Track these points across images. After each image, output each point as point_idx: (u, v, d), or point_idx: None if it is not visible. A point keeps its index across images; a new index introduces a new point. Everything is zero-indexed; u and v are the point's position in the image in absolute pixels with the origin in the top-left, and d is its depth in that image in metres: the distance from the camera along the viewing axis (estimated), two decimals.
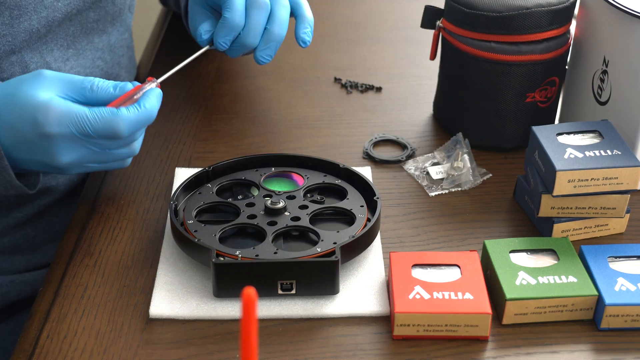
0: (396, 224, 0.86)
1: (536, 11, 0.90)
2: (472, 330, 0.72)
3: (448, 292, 0.73)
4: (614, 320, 0.73)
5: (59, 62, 0.93)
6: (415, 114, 1.04)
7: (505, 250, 0.78)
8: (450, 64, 0.97)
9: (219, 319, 0.75)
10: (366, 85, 1.09)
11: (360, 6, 1.31)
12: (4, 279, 0.97)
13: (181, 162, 0.94)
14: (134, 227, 0.85)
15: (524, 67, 0.92)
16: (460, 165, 0.92)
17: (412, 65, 1.15)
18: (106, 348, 0.72)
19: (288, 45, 1.18)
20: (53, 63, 0.92)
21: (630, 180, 0.80)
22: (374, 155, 0.95)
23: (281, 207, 0.81)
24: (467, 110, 0.96)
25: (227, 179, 0.86)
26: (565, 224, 0.83)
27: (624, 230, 0.85)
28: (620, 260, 0.77)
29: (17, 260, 0.98)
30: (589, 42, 0.93)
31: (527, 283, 0.74)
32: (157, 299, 0.76)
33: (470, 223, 0.86)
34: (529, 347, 0.73)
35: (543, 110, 0.96)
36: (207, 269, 0.79)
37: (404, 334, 0.73)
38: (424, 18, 0.99)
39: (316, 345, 0.73)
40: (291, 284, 0.75)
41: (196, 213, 0.81)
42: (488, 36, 0.91)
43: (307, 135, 0.99)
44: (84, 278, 0.79)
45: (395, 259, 0.77)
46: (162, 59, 1.15)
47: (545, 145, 0.82)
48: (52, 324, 0.74)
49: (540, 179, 0.83)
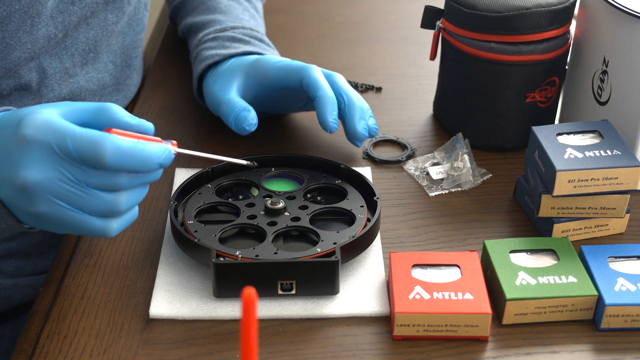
0: (396, 224, 0.86)
1: (536, 11, 0.90)
2: (472, 331, 0.72)
3: (448, 292, 0.73)
4: (614, 320, 0.74)
5: (77, 67, 0.92)
6: (415, 114, 1.04)
7: (505, 251, 0.78)
8: (450, 64, 0.97)
9: (219, 319, 0.75)
10: (366, 86, 1.09)
11: (360, 6, 1.31)
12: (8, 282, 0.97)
13: (181, 163, 0.94)
14: (134, 227, 0.85)
15: (524, 67, 0.92)
16: (460, 165, 0.92)
17: (412, 65, 1.15)
18: (106, 348, 0.72)
19: (288, 45, 1.18)
20: (71, 68, 0.92)
21: (630, 180, 0.80)
22: (374, 155, 0.95)
23: (281, 207, 0.81)
24: (467, 110, 0.96)
25: (227, 179, 0.86)
26: (565, 224, 0.83)
27: (624, 230, 0.85)
28: (620, 260, 0.77)
29: (23, 264, 0.98)
30: (589, 42, 0.93)
31: (527, 283, 0.74)
32: (157, 299, 0.76)
33: (470, 223, 0.86)
34: (529, 347, 0.73)
35: (543, 110, 0.96)
36: (207, 269, 0.79)
37: (404, 334, 0.73)
38: (424, 18, 0.99)
39: (316, 346, 0.73)
40: (291, 284, 0.75)
41: (196, 213, 0.81)
42: (488, 36, 0.91)
43: (307, 135, 0.99)
44: (84, 278, 0.79)
45: (395, 259, 0.77)
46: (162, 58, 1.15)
47: (545, 145, 0.82)
48: (52, 324, 0.74)
49: (540, 179, 0.83)
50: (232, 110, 0.89)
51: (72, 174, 0.67)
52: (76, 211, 0.69)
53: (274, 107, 0.96)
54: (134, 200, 0.71)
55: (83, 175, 0.67)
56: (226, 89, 0.91)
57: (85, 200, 0.68)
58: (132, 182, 0.70)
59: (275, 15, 1.24)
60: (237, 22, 1.00)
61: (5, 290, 0.97)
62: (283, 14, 1.28)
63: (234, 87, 0.91)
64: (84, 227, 0.70)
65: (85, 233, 0.71)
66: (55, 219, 0.69)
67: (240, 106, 0.89)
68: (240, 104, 0.89)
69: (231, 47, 0.96)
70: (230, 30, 0.99)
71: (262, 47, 0.97)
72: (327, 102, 0.87)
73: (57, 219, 0.69)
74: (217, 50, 0.95)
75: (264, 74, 0.90)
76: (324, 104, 0.87)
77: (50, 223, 0.70)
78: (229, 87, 0.91)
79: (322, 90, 0.87)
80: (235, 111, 0.88)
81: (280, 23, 1.25)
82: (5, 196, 0.69)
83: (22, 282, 0.98)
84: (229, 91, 0.91)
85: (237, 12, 1.03)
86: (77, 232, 0.71)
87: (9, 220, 0.71)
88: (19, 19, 0.83)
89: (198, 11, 1.05)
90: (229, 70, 0.92)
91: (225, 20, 1.01)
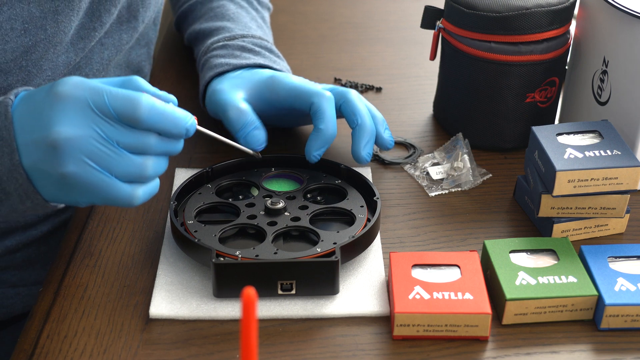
0: (396, 224, 0.86)
1: (536, 11, 0.90)
2: (472, 331, 0.72)
3: (448, 292, 0.73)
4: (614, 320, 0.74)
5: None
6: (415, 114, 1.04)
7: (505, 251, 0.78)
8: (450, 64, 0.97)
9: (219, 319, 0.75)
10: (366, 86, 1.09)
11: (360, 6, 1.31)
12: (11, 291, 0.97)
13: (181, 163, 0.94)
14: (134, 227, 0.85)
15: (524, 67, 0.92)
16: (460, 166, 0.92)
17: (412, 66, 1.15)
18: (106, 348, 0.72)
19: (288, 46, 1.18)
20: None
21: (630, 180, 0.80)
22: (382, 157, 0.95)
23: (281, 207, 0.81)
24: (467, 110, 0.96)
25: (227, 180, 0.86)
26: (565, 224, 0.83)
27: (624, 230, 0.85)
28: (620, 260, 0.77)
29: (27, 274, 0.98)
30: (589, 42, 0.93)
31: (527, 283, 0.74)
32: (157, 299, 0.76)
33: (470, 223, 0.86)
34: (529, 347, 0.73)
35: (543, 110, 0.96)
36: (207, 269, 0.79)
37: (404, 334, 0.73)
38: (424, 18, 0.99)
39: (316, 346, 0.73)
40: (291, 284, 0.75)
41: (196, 213, 0.81)
42: (488, 36, 0.91)
43: (307, 135, 0.99)
44: (84, 278, 0.79)
45: (395, 259, 0.77)
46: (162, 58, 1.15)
47: (545, 145, 0.82)
48: (52, 324, 0.74)
49: (540, 179, 0.83)
50: (243, 125, 0.86)
51: (105, 132, 0.68)
52: (105, 173, 0.69)
53: (279, 122, 0.95)
54: (159, 168, 0.72)
55: (116, 133, 0.69)
56: (234, 93, 0.88)
57: (115, 162, 0.69)
58: (159, 146, 0.71)
59: (275, 15, 1.24)
60: (246, 31, 0.99)
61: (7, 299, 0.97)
62: (283, 14, 1.28)
63: (243, 94, 0.89)
64: (110, 192, 0.70)
65: (110, 200, 0.71)
66: (83, 183, 0.69)
67: (252, 121, 0.86)
68: (251, 118, 0.86)
69: (242, 57, 0.94)
70: (239, 39, 0.97)
71: (272, 58, 0.96)
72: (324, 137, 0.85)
73: (84, 182, 0.69)
74: (228, 59, 0.94)
75: (275, 93, 0.88)
76: (321, 138, 0.85)
77: (76, 189, 0.70)
78: (236, 93, 0.89)
79: (324, 124, 0.85)
80: (246, 128, 0.86)
81: (281, 23, 1.25)
82: (33, 161, 0.69)
83: (24, 292, 0.98)
84: (237, 97, 0.88)
85: (246, 21, 1.02)
86: (102, 198, 0.71)
87: (35, 198, 0.71)
88: (43, 48, 0.83)
89: (206, 18, 1.04)
90: (239, 77, 0.91)
91: (234, 27, 1.00)
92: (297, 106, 0.88)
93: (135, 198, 0.71)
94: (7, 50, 0.80)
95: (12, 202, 0.72)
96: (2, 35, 0.79)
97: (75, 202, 0.72)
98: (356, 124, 0.87)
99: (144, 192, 0.72)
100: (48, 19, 0.81)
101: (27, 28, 0.80)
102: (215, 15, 1.03)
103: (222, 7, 1.04)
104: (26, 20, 0.80)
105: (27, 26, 0.80)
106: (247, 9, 1.05)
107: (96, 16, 0.87)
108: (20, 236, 0.96)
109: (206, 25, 1.02)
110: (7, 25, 0.79)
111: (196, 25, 1.04)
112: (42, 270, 0.98)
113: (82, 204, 0.72)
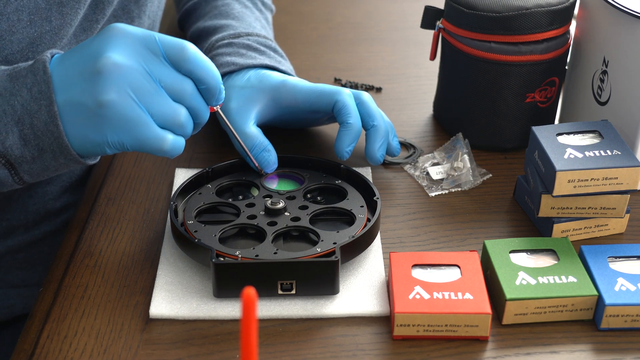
0: (396, 224, 0.86)
1: (536, 11, 0.90)
2: (472, 331, 0.72)
3: (448, 292, 0.73)
4: (614, 320, 0.74)
5: None
6: (415, 114, 1.04)
7: (505, 251, 0.78)
8: (450, 64, 0.97)
9: (219, 319, 0.75)
10: (366, 86, 1.09)
11: (361, 6, 1.31)
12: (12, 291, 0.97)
13: (181, 163, 0.94)
14: (134, 227, 0.85)
15: (524, 67, 0.92)
16: (460, 166, 0.92)
17: (412, 66, 1.15)
18: (106, 348, 0.72)
19: (288, 46, 1.18)
20: None
21: (630, 180, 0.80)
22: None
23: (281, 207, 0.81)
24: (467, 110, 0.96)
25: (227, 180, 0.86)
26: (565, 224, 0.83)
27: (624, 230, 0.85)
28: (620, 260, 0.78)
29: (29, 275, 0.98)
30: (589, 42, 0.93)
31: (527, 283, 0.74)
32: (157, 299, 0.76)
33: (470, 223, 0.86)
34: (529, 347, 0.73)
35: (543, 110, 0.96)
36: (207, 269, 0.79)
37: (404, 334, 0.73)
38: (424, 18, 0.99)
39: (316, 346, 0.73)
40: (291, 284, 0.75)
41: (196, 213, 0.81)
42: (488, 36, 0.91)
43: (307, 135, 0.99)
44: (84, 278, 0.79)
45: (395, 259, 0.77)
46: None
47: (545, 145, 0.83)
48: (52, 324, 0.74)
49: (540, 179, 0.83)
50: (251, 147, 0.86)
51: (151, 69, 0.71)
52: (142, 109, 0.71)
53: (294, 124, 0.95)
54: (188, 125, 0.74)
55: (160, 71, 0.71)
56: (243, 115, 0.88)
57: (155, 100, 0.71)
58: (194, 97, 0.74)
59: (275, 15, 1.24)
60: (250, 29, 0.99)
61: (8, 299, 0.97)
62: (283, 14, 1.28)
63: (254, 112, 0.88)
64: (143, 131, 0.71)
65: (140, 140, 0.72)
66: (119, 115, 0.70)
67: (261, 144, 0.86)
68: (260, 140, 0.86)
69: (247, 57, 0.93)
70: (244, 37, 0.97)
71: (277, 59, 0.95)
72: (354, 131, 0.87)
73: (121, 114, 0.70)
74: (234, 58, 0.93)
75: (292, 98, 0.89)
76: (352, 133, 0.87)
77: (110, 123, 0.71)
78: (248, 112, 0.88)
79: (353, 118, 0.87)
80: (254, 150, 0.86)
81: (281, 23, 1.25)
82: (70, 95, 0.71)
83: (26, 293, 0.98)
84: (248, 118, 0.88)
85: (250, 20, 1.02)
86: (133, 138, 0.72)
87: (68, 154, 0.73)
88: (49, 40, 0.83)
89: (210, 16, 1.04)
90: (249, 87, 0.89)
91: (239, 26, 0.99)
92: (318, 107, 0.89)
93: (166, 142, 0.72)
94: (13, 41, 0.80)
95: (45, 159, 0.73)
96: (9, 26, 0.79)
97: (104, 141, 0.72)
98: (371, 125, 0.88)
99: (173, 141, 0.73)
100: (53, 10, 0.81)
101: (33, 19, 0.80)
102: (220, 14, 1.03)
103: (227, 5, 1.04)
104: (32, 12, 0.80)
105: (32, 17, 0.80)
106: (252, 9, 1.05)
107: (99, 8, 0.87)
108: (23, 236, 0.96)
109: (210, 22, 1.02)
110: (14, 16, 0.79)
111: (200, 23, 1.04)
112: (43, 271, 0.98)
113: (111, 145, 0.72)
